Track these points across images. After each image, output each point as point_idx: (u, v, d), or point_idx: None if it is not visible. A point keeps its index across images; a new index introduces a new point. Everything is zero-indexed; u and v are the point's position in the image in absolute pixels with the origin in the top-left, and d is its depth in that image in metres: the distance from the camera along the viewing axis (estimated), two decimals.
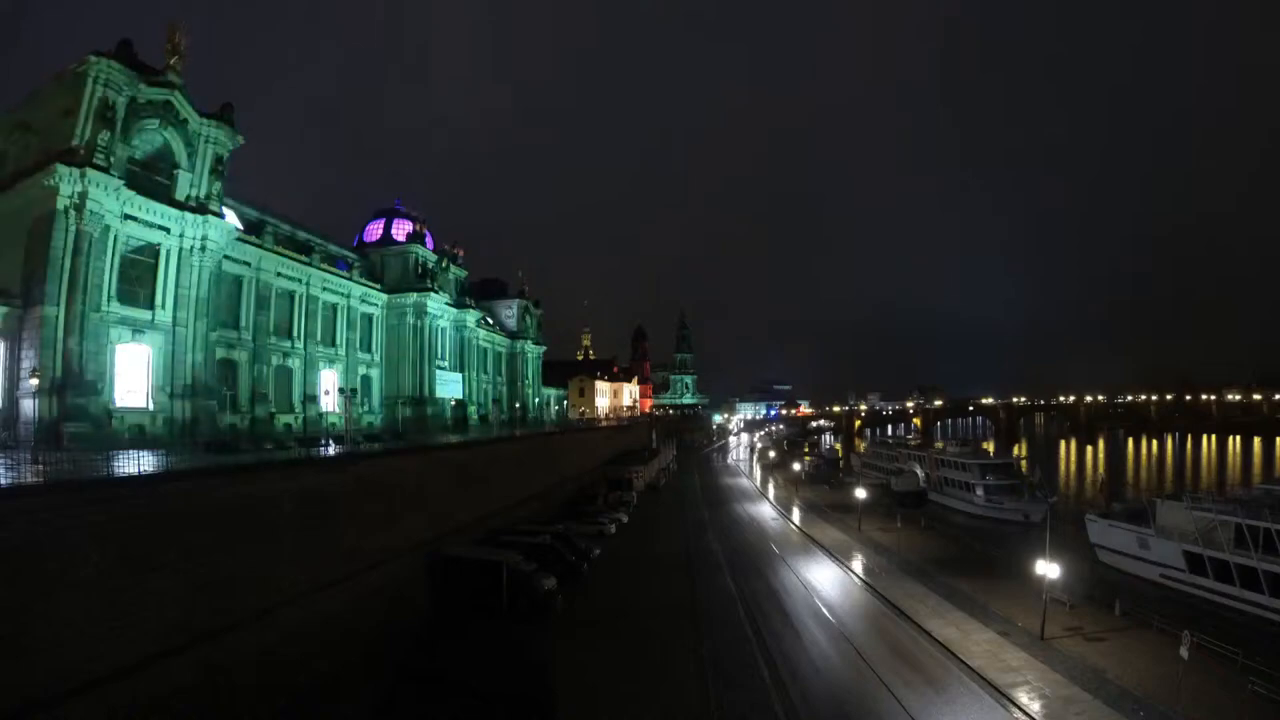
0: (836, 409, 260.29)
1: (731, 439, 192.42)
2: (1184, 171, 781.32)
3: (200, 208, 36.09)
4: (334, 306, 52.89)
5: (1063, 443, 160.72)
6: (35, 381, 27.59)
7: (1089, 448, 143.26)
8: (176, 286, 35.16)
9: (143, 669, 15.80)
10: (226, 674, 17.97)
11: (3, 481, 16.12)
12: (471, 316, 72.92)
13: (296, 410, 46.65)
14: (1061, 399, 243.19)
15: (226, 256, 39.32)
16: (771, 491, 72.91)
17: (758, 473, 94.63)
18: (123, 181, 31.28)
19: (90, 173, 29.37)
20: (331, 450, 30.35)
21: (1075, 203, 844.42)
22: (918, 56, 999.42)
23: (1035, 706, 20.18)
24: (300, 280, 48.42)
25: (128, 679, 15.40)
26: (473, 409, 72.17)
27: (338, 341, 53.20)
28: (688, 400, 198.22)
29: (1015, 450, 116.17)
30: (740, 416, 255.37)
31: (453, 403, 66.90)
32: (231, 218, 40.95)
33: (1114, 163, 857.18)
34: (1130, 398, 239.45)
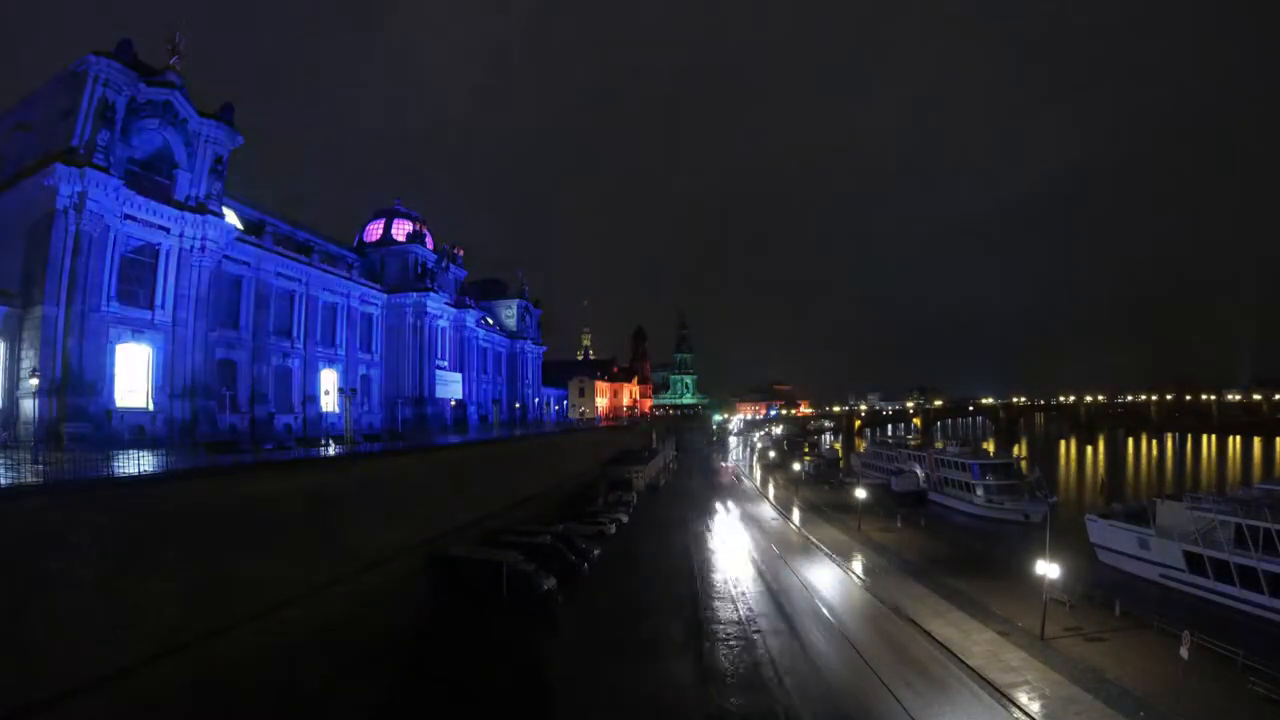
0: (836, 409, 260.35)
1: (731, 439, 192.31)
2: (1185, 169, 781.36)
3: (200, 208, 36.09)
4: (334, 306, 52.89)
5: (1063, 443, 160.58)
6: (35, 381, 27.60)
7: (1089, 448, 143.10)
8: (176, 286, 35.17)
9: (142, 669, 15.80)
10: (226, 674, 17.97)
11: (3, 481, 16.13)
12: (471, 316, 72.94)
13: (296, 410, 46.64)
14: (1061, 399, 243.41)
15: (226, 256, 39.32)
16: (771, 491, 72.86)
17: (758, 473, 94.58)
18: (122, 181, 31.30)
19: (90, 173, 29.38)
20: (331, 450, 30.36)
21: (1076, 202, 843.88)
22: (919, 61, 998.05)
23: (1035, 706, 20.18)
24: (300, 280, 48.43)
25: (127, 679, 15.41)
26: (473, 409, 72.19)
27: (338, 341, 53.20)
28: (688, 400, 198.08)
29: (1015, 450, 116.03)
30: (740, 416, 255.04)
31: (453, 403, 66.91)
32: (231, 218, 40.95)
33: (1115, 162, 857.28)
34: (1130, 398, 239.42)
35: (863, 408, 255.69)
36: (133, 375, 33.43)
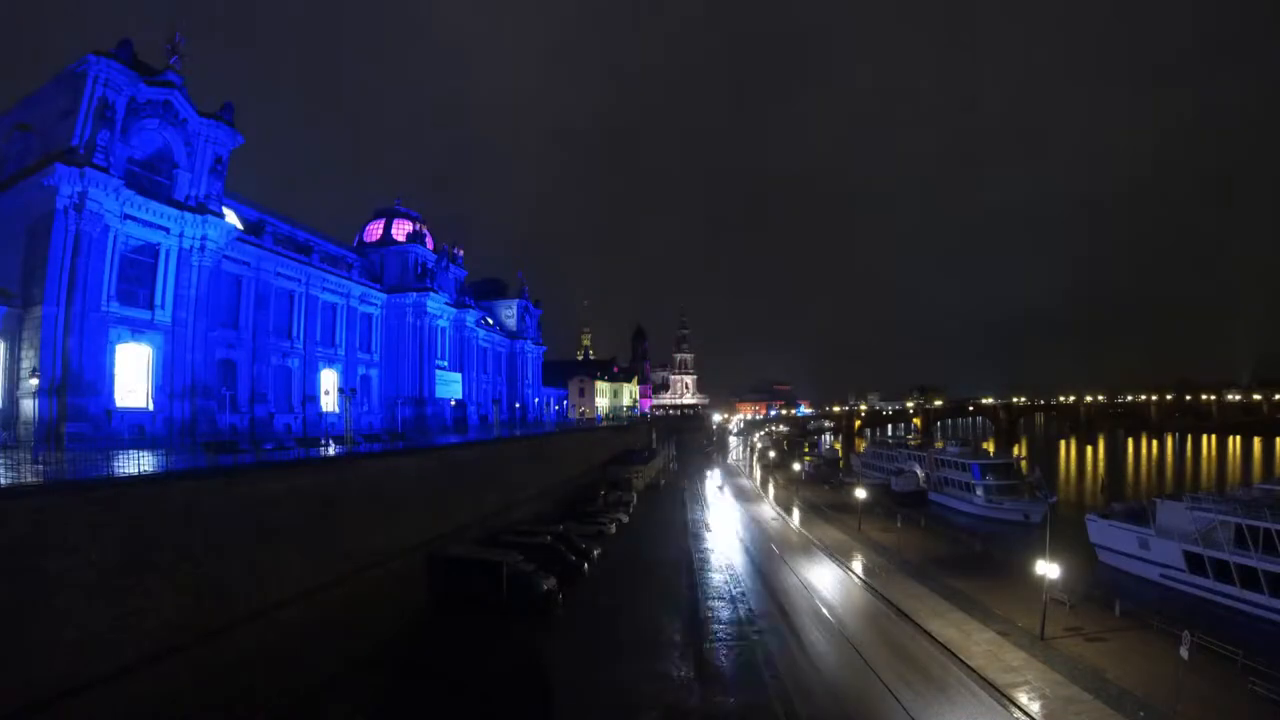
0: (836, 409, 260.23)
1: (731, 439, 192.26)
2: (1186, 169, 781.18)
3: (200, 208, 36.09)
4: (333, 306, 52.89)
5: (1063, 443, 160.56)
6: (35, 381, 27.60)
7: (1089, 448, 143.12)
8: (176, 286, 35.18)
9: (142, 669, 15.80)
10: (226, 674, 17.97)
11: (3, 481, 16.13)
12: (471, 316, 72.92)
13: (296, 410, 46.65)
14: (1061, 399, 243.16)
15: (226, 256, 39.32)
16: (771, 491, 72.89)
17: (758, 473, 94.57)
18: (122, 181, 31.28)
19: (90, 172, 29.37)
20: (331, 450, 30.35)
21: (1076, 203, 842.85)
22: (924, 62, 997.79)
23: (1035, 706, 20.19)
24: (299, 280, 48.43)
25: (127, 679, 15.41)
26: (473, 409, 72.18)
27: (337, 341, 53.20)
28: (688, 400, 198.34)
29: (1015, 450, 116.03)
30: (740, 416, 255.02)
31: (452, 403, 66.90)
32: (231, 217, 40.93)
33: (1119, 161, 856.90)
34: (1130, 398, 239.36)
35: (863, 408, 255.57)
36: (133, 375, 33.42)
